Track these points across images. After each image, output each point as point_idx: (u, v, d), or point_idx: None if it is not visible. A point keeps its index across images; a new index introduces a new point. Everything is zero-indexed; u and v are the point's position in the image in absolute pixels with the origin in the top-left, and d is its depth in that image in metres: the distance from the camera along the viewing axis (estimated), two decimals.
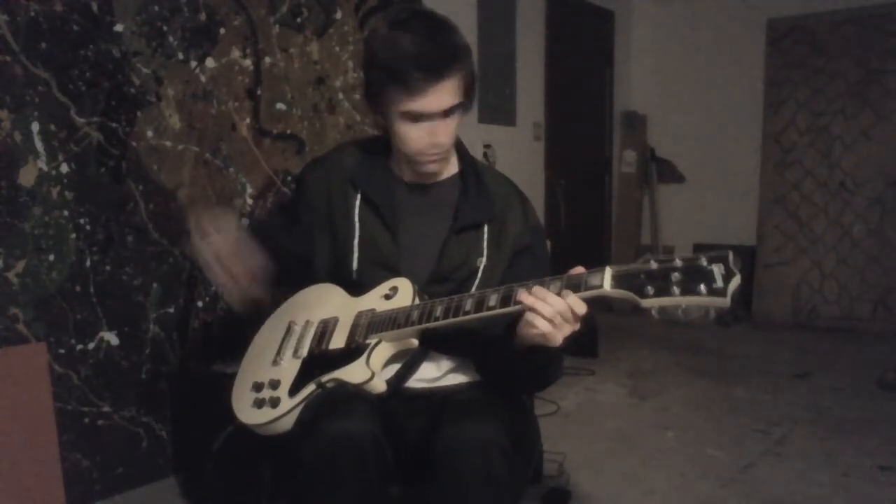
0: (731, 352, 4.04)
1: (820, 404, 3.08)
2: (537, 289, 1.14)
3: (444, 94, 1.27)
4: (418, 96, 1.26)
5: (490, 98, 3.94)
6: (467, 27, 3.76)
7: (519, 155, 4.19)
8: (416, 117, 1.29)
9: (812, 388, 3.32)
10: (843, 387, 3.32)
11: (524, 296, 1.14)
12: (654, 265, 1.06)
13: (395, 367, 1.37)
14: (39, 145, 2.04)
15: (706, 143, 5.03)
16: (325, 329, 1.38)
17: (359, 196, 1.43)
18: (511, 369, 1.31)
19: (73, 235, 2.13)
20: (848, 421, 2.87)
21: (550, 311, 1.11)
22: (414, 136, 1.32)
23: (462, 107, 1.33)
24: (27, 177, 2.02)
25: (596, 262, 1.17)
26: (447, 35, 1.28)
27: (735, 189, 4.91)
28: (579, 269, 1.16)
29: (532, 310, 1.12)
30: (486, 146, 3.90)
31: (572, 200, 4.69)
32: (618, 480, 2.36)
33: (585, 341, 3.84)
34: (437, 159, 1.37)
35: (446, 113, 1.30)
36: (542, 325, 1.12)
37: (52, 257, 2.08)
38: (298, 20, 2.77)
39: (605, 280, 1.09)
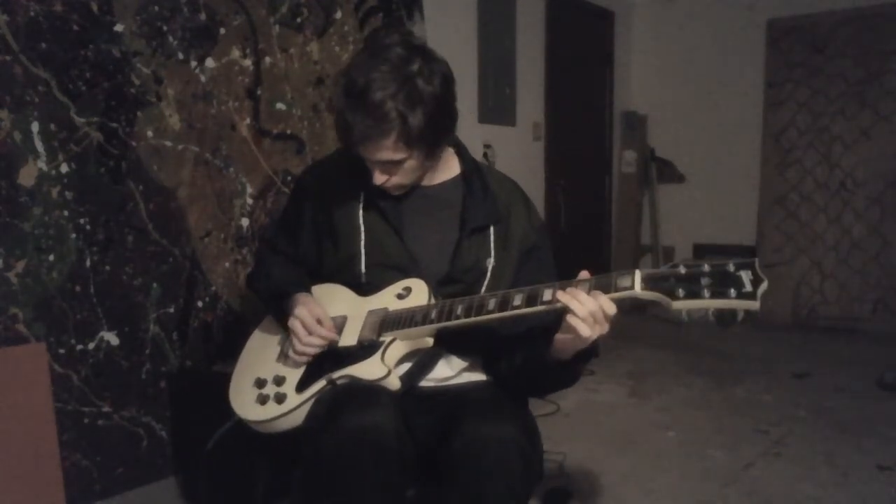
0: (731, 352, 4.04)
1: (820, 404, 3.08)
2: (571, 289, 1.15)
3: (377, 151, 1.29)
4: (363, 150, 1.30)
5: (490, 98, 3.94)
6: (467, 27, 3.76)
7: (519, 155, 4.19)
8: (371, 161, 1.32)
9: (812, 388, 3.32)
10: (843, 387, 3.32)
11: (561, 294, 1.15)
12: (682, 269, 1.09)
13: (406, 365, 1.37)
14: (39, 145, 2.04)
15: (706, 143, 5.04)
16: (335, 326, 1.38)
17: (361, 199, 1.44)
18: (537, 377, 1.32)
19: (73, 235, 2.13)
20: (848, 421, 2.87)
21: (584, 311, 1.13)
22: (374, 173, 1.35)
23: (412, 156, 1.31)
24: (27, 177, 2.01)
25: (596, 263, 1.18)
26: (385, 96, 1.23)
27: (735, 189, 4.91)
28: (585, 274, 1.18)
29: (567, 308, 1.13)
30: (486, 146, 3.90)
31: (572, 200, 4.69)
32: (618, 480, 2.36)
33: (590, 347, 3.83)
34: (401, 191, 1.40)
35: (388, 164, 1.32)
36: (580, 326, 1.13)
37: (52, 257, 2.08)
38: (298, 20, 2.77)
39: (636, 282, 1.11)
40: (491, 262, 1.40)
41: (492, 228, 1.42)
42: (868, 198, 4.43)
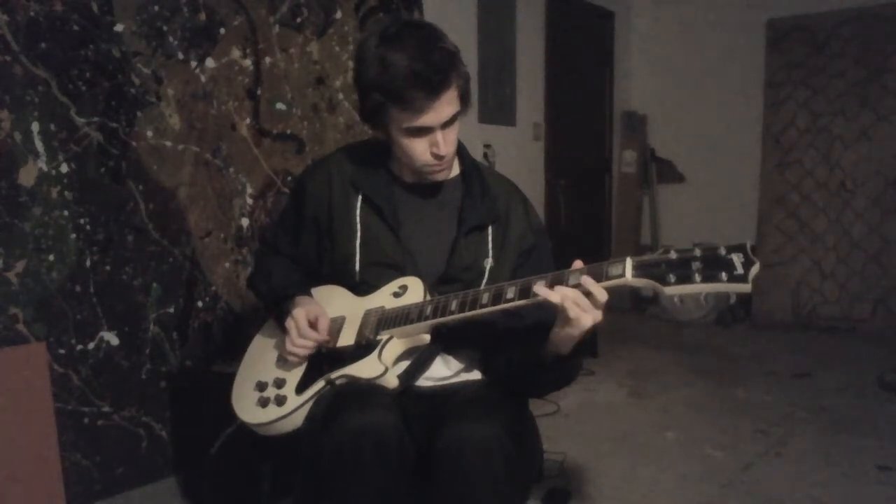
0: (731, 352, 4.04)
1: (820, 404, 3.08)
2: (558, 287, 1.15)
3: (443, 107, 1.28)
4: (418, 114, 1.27)
5: (490, 98, 3.94)
6: (467, 27, 3.76)
7: (519, 155, 4.19)
8: (418, 132, 1.30)
9: (812, 388, 3.32)
10: (843, 387, 3.32)
11: (549, 292, 1.15)
12: (673, 255, 1.08)
13: (405, 363, 1.37)
14: (39, 145, 2.04)
15: (706, 143, 5.03)
16: (333, 327, 1.38)
17: (360, 198, 1.43)
18: (535, 376, 1.32)
19: (73, 235, 2.13)
20: (848, 421, 2.87)
21: (575, 301, 1.13)
22: (418, 150, 1.33)
23: (461, 113, 1.33)
24: (27, 177, 2.02)
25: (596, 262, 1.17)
26: (438, 47, 1.27)
27: (735, 189, 4.91)
28: (578, 263, 1.18)
29: (549, 299, 1.13)
30: (486, 146, 3.90)
31: (572, 200, 4.69)
32: (618, 480, 2.36)
33: (585, 341, 3.84)
34: (444, 168, 1.38)
35: (447, 123, 1.31)
36: (574, 313, 1.13)
37: (52, 257, 2.08)
38: (298, 20, 2.77)
39: (627, 269, 1.11)
40: (489, 263, 1.40)
41: (490, 228, 1.42)
42: (868, 198, 4.43)
